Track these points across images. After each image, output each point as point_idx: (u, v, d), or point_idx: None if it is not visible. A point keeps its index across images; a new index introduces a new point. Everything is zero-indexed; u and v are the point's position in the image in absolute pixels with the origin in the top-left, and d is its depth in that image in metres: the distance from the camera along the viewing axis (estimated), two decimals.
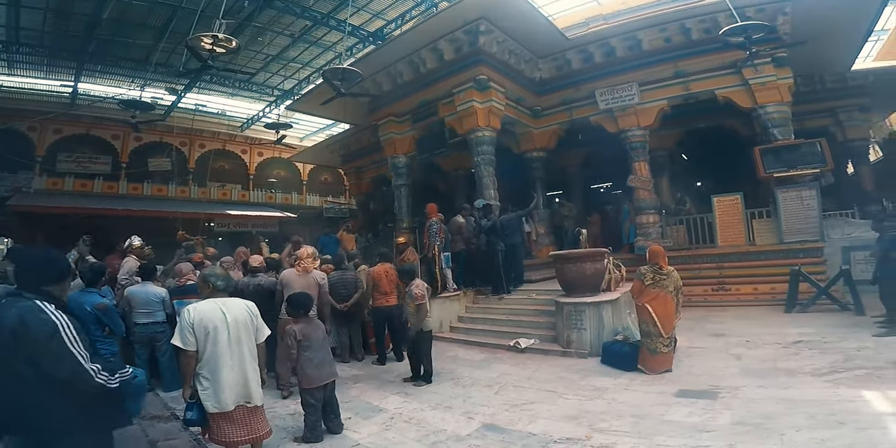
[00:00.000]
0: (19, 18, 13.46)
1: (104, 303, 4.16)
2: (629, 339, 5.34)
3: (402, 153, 11.22)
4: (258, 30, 14.91)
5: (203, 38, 6.85)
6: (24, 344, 1.88)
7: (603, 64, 9.92)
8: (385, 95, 10.97)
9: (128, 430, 3.94)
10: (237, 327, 3.05)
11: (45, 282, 2.08)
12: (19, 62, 16.45)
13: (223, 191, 21.22)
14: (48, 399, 1.95)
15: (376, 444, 3.58)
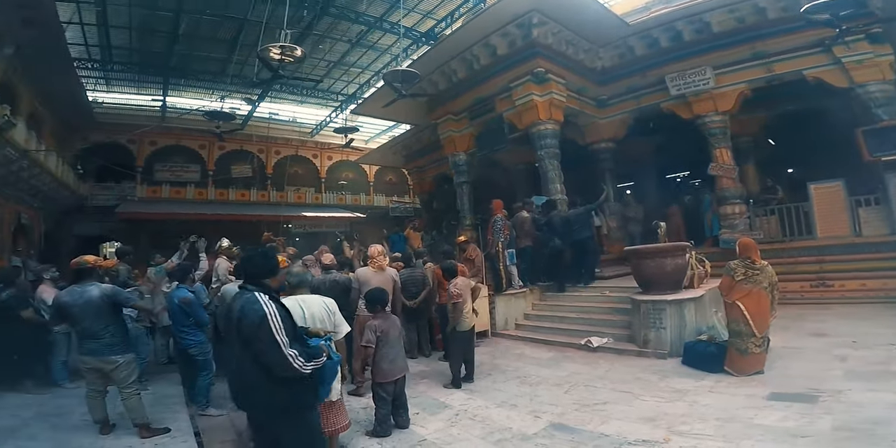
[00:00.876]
0: (109, 38, 14.98)
1: (188, 297, 4.54)
2: (715, 339, 4.96)
3: (461, 151, 11.22)
4: (318, 38, 15.61)
5: (271, 48, 7.21)
6: (240, 329, 2.22)
7: (670, 49, 9.35)
8: (442, 94, 11.02)
9: (217, 420, 4.24)
10: (314, 323, 3.10)
11: (262, 275, 2.44)
12: (115, 79, 18.41)
13: (298, 194, 22.37)
14: (263, 380, 2.24)
15: (441, 439, 3.58)
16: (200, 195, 20.11)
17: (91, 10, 13.00)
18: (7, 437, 3.65)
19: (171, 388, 5.16)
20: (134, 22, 14.16)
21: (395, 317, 4.01)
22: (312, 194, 22.94)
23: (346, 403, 3.80)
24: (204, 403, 4.51)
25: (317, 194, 23.09)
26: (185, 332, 4.51)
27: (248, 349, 2.23)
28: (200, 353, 4.54)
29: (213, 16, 13.88)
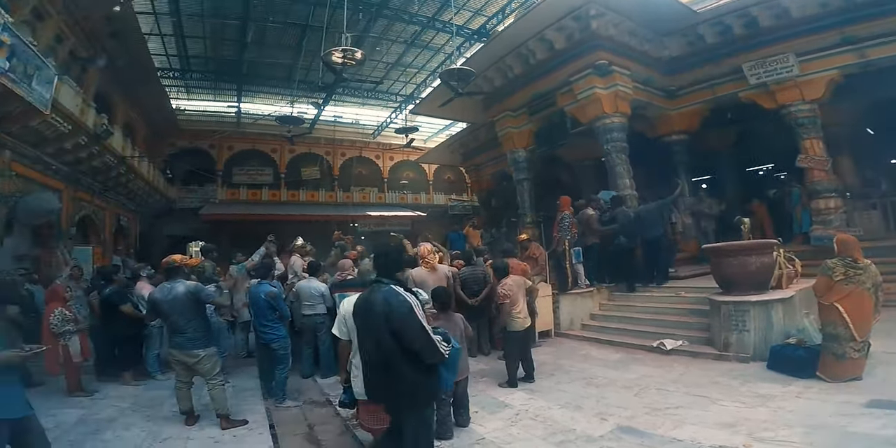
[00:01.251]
0: (186, 48, 16.17)
1: (274, 291, 4.80)
2: (805, 343, 4.57)
3: (521, 147, 11.06)
4: (375, 40, 15.99)
5: (334, 52, 7.47)
6: (390, 321, 2.32)
7: (745, 36, 8.71)
8: (498, 91, 10.91)
9: (291, 412, 4.44)
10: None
11: (395, 270, 2.59)
12: (194, 87, 19.89)
13: (363, 194, 23.13)
14: (409, 369, 2.36)
15: (501, 439, 3.53)
16: (274, 196, 21.31)
17: (168, 21, 14.09)
18: (107, 427, 4.01)
19: (249, 382, 5.45)
20: (207, 31, 15.22)
21: (459, 317, 3.99)
22: (376, 194, 23.60)
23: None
24: (281, 397, 4.72)
25: (380, 194, 23.72)
26: (269, 326, 4.72)
27: (397, 339, 2.33)
28: (282, 347, 4.75)
29: (276, 23, 14.58)
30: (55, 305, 5.03)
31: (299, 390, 5.19)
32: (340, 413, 4.29)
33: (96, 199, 12.41)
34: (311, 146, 21.85)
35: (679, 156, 10.31)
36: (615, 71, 8.66)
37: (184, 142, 20.08)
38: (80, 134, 9.74)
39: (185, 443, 3.62)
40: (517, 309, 4.86)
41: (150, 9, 13.01)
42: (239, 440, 3.69)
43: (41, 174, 9.40)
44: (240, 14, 13.81)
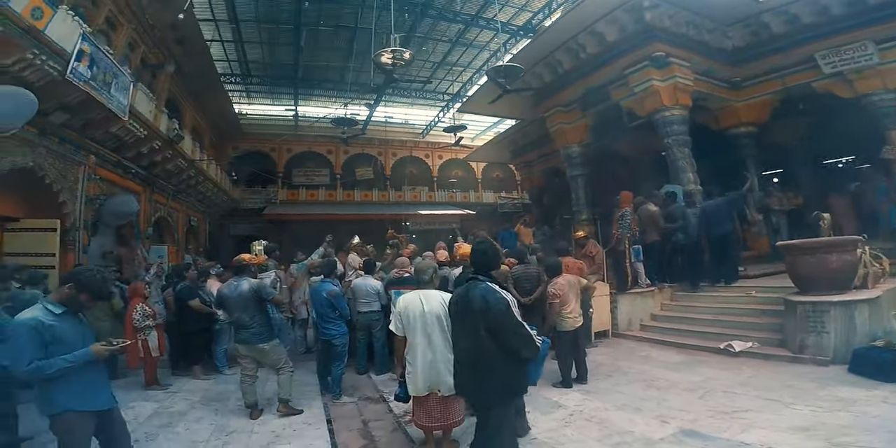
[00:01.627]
0: (246, 53, 16.91)
1: (335, 290, 4.94)
2: (893, 346, 4.24)
3: (574, 142, 10.84)
4: (421, 40, 16.09)
5: (384, 53, 7.62)
6: (487, 316, 2.39)
7: (816, 24, 8.16)
8: (548, 86, 10.73)
9: (347, 408, 4.56)
10: (431, 318, 3.16)
11: (490, 267, 2.66)
12: (254, 92, 20.79)
13: (414, 193, 23.48)
14: (504, 363, 2.43)
15: (553, 439, 3.47)
16: (331, 197, 22.06)
17: (228, 27, 14.81)
18: (179, 419, 4.25)
19: (308, 377, 5.59)
20: (263, 37, 15.90)
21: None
22: (426, 193, 23.88)
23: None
24: (338, 393, 4.84)
25: (430, 193, 23.98)
26: (330, 323, 4.86)
27: (493, 334, 2.40)
28: (341, 344, 4.87)
29: (327, 26, 15.02)
30: (136, 302, 5.30)
31: (354, 386, 5.31)
32: (393, 410, 4.39)
33: (170, 201, 13.34)
34: (363, 147, 22.41)
35: (747, 149, 9.76)
36: (673, 62, 8.35)
37: (246, 145, 21.21)
38: (155, 138, 10.41)
39: (249, 436, 3.80)
40: (568, 308, 4.76)
41: (211, 16, 13.72)
42: (299, 434, 3.83)
43: (121, 177, 10.17)
44: (293, 19, 14.27)
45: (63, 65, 6.52)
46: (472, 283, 2.61)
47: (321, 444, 3.63)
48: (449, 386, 3.16)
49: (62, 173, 7.90)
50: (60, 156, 7.82)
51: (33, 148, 7.14)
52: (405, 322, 3.22)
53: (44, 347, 2.36)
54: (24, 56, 5.92)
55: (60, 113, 7.36)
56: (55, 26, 6.26)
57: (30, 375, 2.37)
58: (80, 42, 6.74)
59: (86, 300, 2.56)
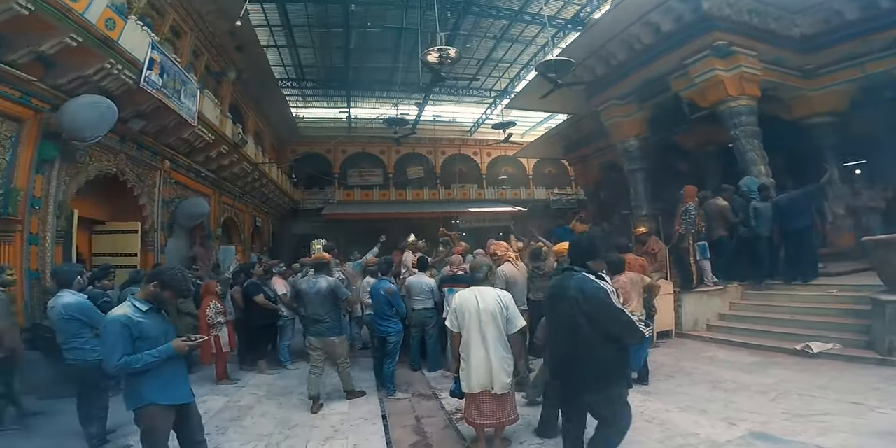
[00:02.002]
0: (300, 58, 17.46)
1: (392, 287, 5.08)
2: None
3: (631, 136, 10.48)
4: (465, 37, 16.02)
5: (430, 52, 7.67)
6: (586, 306, 2.45)
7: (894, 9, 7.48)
8: (601, 79, 10.47)
9: (401, 404, 4.66)
10: (486, 316, 3.18)
11: (587, 258, 2.69)
12: (309, 95, 21.49)
13: (463, 191, 23.50)
14: (600, 350, 2.48)
15: None
16: (384, 196, 22.54)
17: (281, 32, 15.35)
18: (246, 413, 4.47)
19: (364, 373, 5.74)
20: (315, 41, 16.37)
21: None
22: (476, 190, 23.84)
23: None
24: (392, 389, 4.97)
25: (479, 190, 23.91)
26: (387, 320, 5.00)
27: (594, 323, 2.45)
28: (396, 341, 5.01)
29: (374, 28, 15.30)
30: (210, 299, 5.60)
31: (408, 382, 5.41)
32: (445, 407, 4.44)
33: (237, 203, 14.11)
34: (414, 146, 22.67)
35: (824, 139, 9.10)
36: (737, 52, 7.98)
37: (304, 148, 22.05)
38: (222, 143, 11.00)
39: (309, 430, 3.96)
40: (630, 307, 4.60)
41: (265, 22, 14.27)
42: (356, 429, 3.95)
43: (193, 181, 10.86)
44: (342, 22, 14.60)
45: (137, 73, 6.84)
46: (568, 274, 2.66)
47: (377, 440, 3.72)
48: (503, 384, 3.18)
49: (141, 178, 8.51)
50: (139, 161, 8.41)
51: (115, 154, 7.71)
52: (460, 319, 3.25)
53: (132, 343, 2.49)
54: (102, 66, 6.26)
55: (137, 120, 7.81)
56: (127, 36, 6.57)
57: (119, 370, 2.49)
58: (150, 51, 7.05)
59: (169, 297, 2.69)
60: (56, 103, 6.05)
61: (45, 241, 6.09)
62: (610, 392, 2.55)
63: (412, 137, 18.19)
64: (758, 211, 6.83)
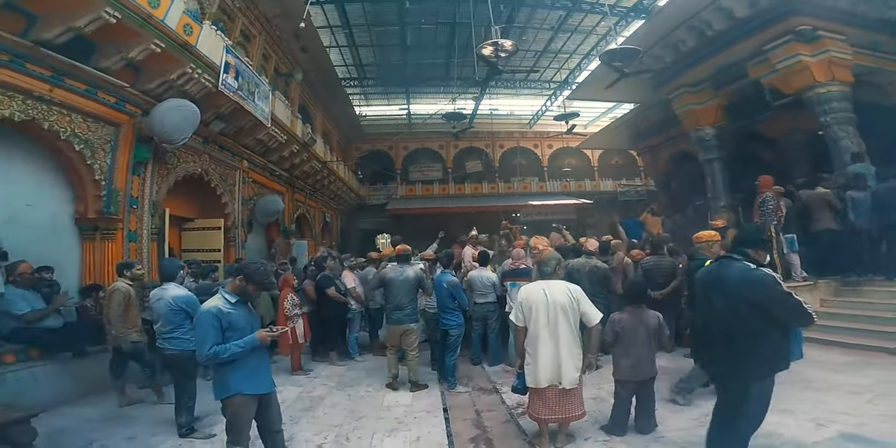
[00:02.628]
0: (360, 57, 17.89)
1: (455, 280, 5.13)
2: None
3: (706, 124, 9.95)
4: (520, 30, 15.68)
5: (486, 45, 7.59)
6: (749, 292, 2.44)
7: None
8: (670, 67, 10.02)
9: (461, 398, 4.70)
10: (555, 309, 3.14)
11: (749, 246, 2.66)
12: (370, 94, 21.99)
13: (524, 184, 23.20)
14: (759, 338, 2.46)
15: (684, 439, 3.26)
16: (444, 191, 22.82)
17: (341, 33, 15.77)
18: (318, 404, 4.66)
19: (424, 367, 5.79)
20: (374, 39, 16.72)
21: (655, 314, 3.61)
22: (537, 183, 23.48)
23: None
24: (453, 382, 5.02)
25: (541, 183, 23.53)
26: (449, 314, 5.04)
27: (760, 309, 2.41)
28: (457, 335, 5.03)
29: (428, 24, 15.32)
30: (287, 292, 5.84)
31: (469, 376, 5.43)
32: (506, 401, 4.44)
33: (308, 200, 14.82)
34: (472, 141, 22.69)
35: None
36: (823, 36, 7.48)
37: (368, 145, 22.76)
38: (293, 143, 11.53)
39: (376, 422, 4.08)
40: None
41: (326, 23, 14.71)
42: (419, 422, 4.04)
43: (268, 180, 11.50)
44: (397, 20, 14.79)
45: (215, 77, 7.18)
46: (726, 262, 2.63)
47: (438, 432, 3.79)
48: (572, 379, 3.14)
49: (223, 177, 9.12)
50: (220, 162, 9.00)
51: (200, 155, 8.26)
52: (526, 313, 3.22)
53: (222, 333, 2.61)
54: (184, 70, 6.58)
55: (217, 122, 8.29)
56: (203, 41, 6.84)
57: (209, 359, 2.61)
58: (225, 55, 7.36)
59: (252, 290, 2.81)
60: (146, 108, 6.49)
61: (142, 239, 6.63)
62: (765, 380, 2.50)
63: (470, 132, 18.20)
64: (855, 201, 6.21)
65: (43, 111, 5.17)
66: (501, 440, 3.59)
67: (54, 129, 5.31)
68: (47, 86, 5.15)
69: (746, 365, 2.45)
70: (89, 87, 5.70)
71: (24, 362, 4.53)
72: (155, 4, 5.72)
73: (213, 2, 8.31)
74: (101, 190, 5.91)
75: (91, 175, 5.83)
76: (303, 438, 3.71)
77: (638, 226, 9.55)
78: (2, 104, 4.72)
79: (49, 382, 4.56)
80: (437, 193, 22.65)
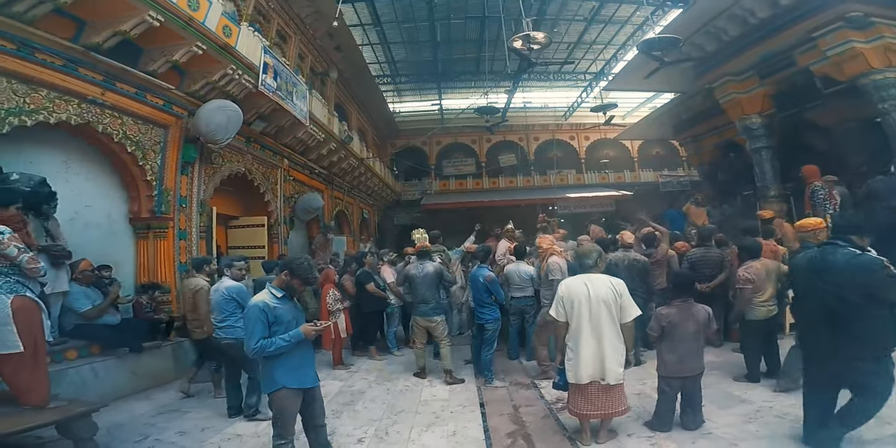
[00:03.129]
0: (392, 54, 17.99)
1: (491, 275, 5.12)
2: None
3: (753, 113, 9.51)
4: (551, 22, 15.39)
5: (517, 38, 7.48)
6: (857, 277, 2.48)
7: None
8: (711, 56, 9.67)
9: (498, 392, 4.70)
10: (598, 304, 3.09)
11: (852, 232, 2.69)
12: (403, 90, 22.16)
13: (560, 176, 22.79)
14: (871, 322, 2.48)
15: (731, 434, 3.17)
16: (477, 185, 22.77)
17: (372, 30, 15.90)
18: (358, 398, 4.75)
19: (461, 361, 5.88)
20: (404, 36, 16.78)
21: (704, 308, 3.48)
22: (574, 175, 23.05)
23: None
24: (490, 377, 5.01)
25: (578, 175, 23.08)
26: (485, 308, 5.04)
27: (871, 293, 2.44)
28: (494, 329, 5.02)
29: (457, 19, 15.31)
30: (329, 287, 5.97)
31: (506, 371, 5.43)
32: (544, 396, 4.41)
33: (346, 197, 15.09)
34: (505, 134, 22.42)
35: None
36: (877, 22, 7.04)
37: (402, 141, 22.90)
38: (331, 141, 11.72)
39: (413, 417, 4.14)
40: (763, 296, 4.22)
41: (358, 21, 14.88)
42: (455, 416, 4.07)
43: (308, 177, 11.74)
44: (426, 15, 14.77)
45: (254, 77, 7.28)
46: (830, 248, 2.68)
47: (475, 427, 3.80)
48: (616, 375, 3.10)
49: (265, 176, 9.36)
50: (262, 161, 9.24)
51: (243, 155, 8.48)
52: (567, 308, 3.18)
53: (269, 327, 2.67)
54: (225, 71, 6.71)
55: (259, 122, 8.50)
56: (242, 42, 6.95)
57: (256, 353, 2.65)
58: (263, 55, 7.49)
59: (297, 285, 2.86)
60: (192, 109, 6.68)
61: (192, 236, 6.87)
62: (882, 362, 2.54)
63: (503, 125, 18.04)
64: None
65: (97, 114, 5.38)
66: (540, 435, 3.56)
67: (108, 131, 5.53)
68: (99, 89, 5.34)
69: (851, 349, 2.51)
70: (138, 90, 5.91)
71: (85, 358, 4.74)
72: (195, 7, 5.85)
73: (248, 3, 8.47)
74: (152, 190, 6.17)
75: (143, 176, 6.08)
76: (344, 432, 3.80)
77: (681, 217, 9.24)
78: (59, 108, 4.92)
79: (107, 378, 4.75)
80: (470, 188, 22.65)
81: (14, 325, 2.84)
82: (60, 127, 5.14)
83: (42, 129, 4.91)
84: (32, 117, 4.64)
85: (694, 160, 15.71)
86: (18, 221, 3.12)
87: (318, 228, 11.98)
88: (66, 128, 5.22)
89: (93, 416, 3.11)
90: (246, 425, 4.01)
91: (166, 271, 6.27)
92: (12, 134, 4.50)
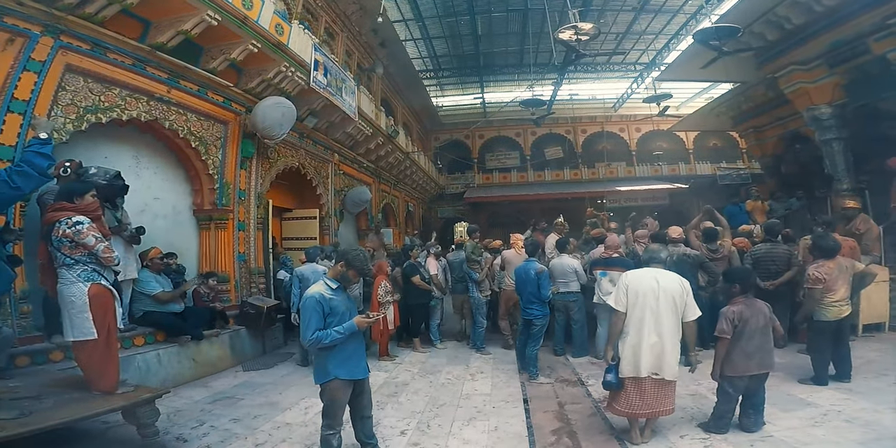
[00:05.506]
0: (434, 49, 18.00)
1: (543, 267, 5.05)
2: None
3: (822, 103, 8.85)
4: (597, 12, 14.92)
5: (564, 30, 7.29)
6: None
7: None
8: (774, 45, 9.05)
9: (543, 388, 4.65)
10: (665, 299, 3.06)
11: None
12: (445, 84, 22.10)
13: (610, 169, 22.17)
14: None
15: (795, 438, 3.02)
16: (522, 178, 22.47)
17: (415, 25, 15.94)
18: (402, 390, 4.80)
19: (507, 356, 5.90)
20: (446, 30, 16.73)
21: (764, 304, 3.34)
22: (624, 168, 22.31)
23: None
24: (534, 373, 4.94)
25: (629, 168, 22.31)
26: (534, 303, 4.95)
27: None
28: (541, 325, 4.94)
29: (499, 12, 15.11)
30: (381, 279, 6.03)
31: (551, 367, 5.36)
32: (591, 394, 4.33)
33: (392, 190, 15.35)
34: (550, 127, 21.93)
35: None
36: None
37: (445, 135, 23.00)
38: (378, 135, 11.91)
39: (455, 410, 4.15)
40: (835, 296, 3.97)
41: (400, 17, 14.96)
42: (497, 411, 4.06)
43: (357, 171, 12.02)
44: (466, 9, 14.68)
45: (306, 74, 7.44)
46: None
47: (517, 423, 3.77)
48: (673, 370, 3.07)
49: (317, 170, 9.64)
50: (315, 155, 9.51)
51: (297, 150, 8.75)
52: (631, 298, 3.14)
53: (324, 318, 2.69)
54: (279, 69, 6.90)
55: (311, 118, 8.75)
56: (294, 40, 7.10)
57: (311, 344, 2.69)
58: (314, 52, 7.66)
59: (352, 276, 2.89)
60: (249, 106, 6.96)
61: (249, 228, 7.18)
62: None
63: (549, 118, 17.72)
64: None
65: (164, 111, 5.67)
66: (586, 433, 3.49)
67: (174, 127, 5.84)
68: (165, 87, 5.62)
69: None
70: (200, 88, 6.19)
71: (151, 345, 4.95)
72: (248, 6, 6.06)
73: (297, 2, 8.68)
74: (214, 183, 6.48)
75: (206, 170, 6.40)
76: (388, 424, 3.85)
77: (742, 211, 8.78)
78: (130, 105, 5.21)
79: (169, 364, 4.94)
80: (514, 181, 22.37)
81: (90, 313, 2.96)
82: (131, 123, 5.46)
83: (114, 125, 5.25)
84: (107, 114, 4.95)
85: (755, 152, 14.86)
86: (96, 209, 3.28)
87: (366, 220, 12.25)
88: (136, 124, 5.56)
89: (155, 402, 3.21)
90: (295, 414, 4.12)
91: (226, 261, 6.58)
92: (90, 130, 4.82)
